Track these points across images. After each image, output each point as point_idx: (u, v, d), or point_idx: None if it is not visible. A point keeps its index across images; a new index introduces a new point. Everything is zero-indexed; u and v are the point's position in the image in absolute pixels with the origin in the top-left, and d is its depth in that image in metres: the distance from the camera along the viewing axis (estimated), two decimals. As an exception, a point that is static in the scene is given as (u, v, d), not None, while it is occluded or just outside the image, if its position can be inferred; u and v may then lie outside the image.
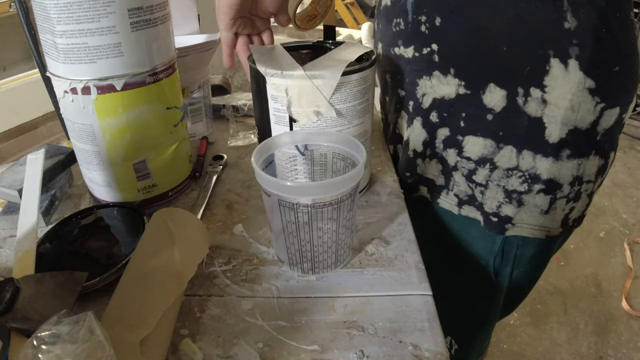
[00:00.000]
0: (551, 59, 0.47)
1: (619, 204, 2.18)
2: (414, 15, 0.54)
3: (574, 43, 0.46)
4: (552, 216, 0.56)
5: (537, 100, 0.49)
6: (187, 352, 0.38)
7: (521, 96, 0.49)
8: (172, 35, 0.54)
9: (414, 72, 0.57)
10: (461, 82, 0.52)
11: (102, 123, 0.50)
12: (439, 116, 0.56)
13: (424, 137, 0.59)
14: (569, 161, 0.52)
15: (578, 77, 0.47)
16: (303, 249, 0.44)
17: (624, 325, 1.57)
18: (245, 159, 0.69)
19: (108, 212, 0.53)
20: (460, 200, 0.59)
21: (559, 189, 0.53)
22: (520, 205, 0.55)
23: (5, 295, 0.35)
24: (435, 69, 0.54)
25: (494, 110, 0.51)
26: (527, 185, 0.53)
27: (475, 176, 0.56)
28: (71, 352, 0.26)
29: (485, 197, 0.56)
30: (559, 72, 0.47)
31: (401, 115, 0.62)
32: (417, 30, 0.54)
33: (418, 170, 0.61)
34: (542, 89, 0.48)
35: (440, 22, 0.51)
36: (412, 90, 0.58)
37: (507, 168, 0.53)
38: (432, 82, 0.55)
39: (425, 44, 0.54)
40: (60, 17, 0.44)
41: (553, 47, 0.47)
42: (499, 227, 0.57)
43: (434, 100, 0.55)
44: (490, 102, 0.51)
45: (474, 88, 0.52)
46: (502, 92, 0.50)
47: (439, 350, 0.38)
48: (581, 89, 0.47)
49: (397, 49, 0.58)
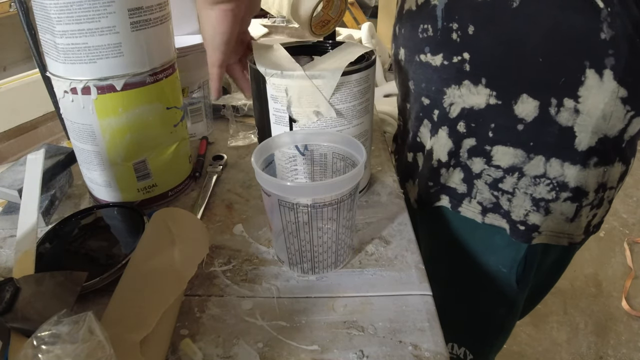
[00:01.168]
0: (587, 70, 0.46)
1: (619, 204, 2.18)
2: (444, 22, 0.52)
3: (609, 53, 0.45)
4: (577, 223, 0.56)
5: (570, 110, 0.48)
6: (187, 352, 0.38)
7: (554, 106, 0.49)
8: (172, 35, 0.54)
9: (442, 80, 0.55)
10: (492, 92, 0.51)
11: (102, 123, 0.50)
12: (466, 126, 0.54)
13: (449, 147, 0.57)
14: (595, 169, 0.52)
15: (612, 86, 0.47)
16: (303, 249, 0.44)
17: (624, 325, 1.57)
18: (245, 159, 0.69)
19: (108, 212, 0.53)
20: (485, 208, 0.58)
21: (584, 197, 0.53)
22: (547, 213, 0.54)
23: (5, 295, 0.35)
24: (465, 78, 0.52)
25: (525, 120, 0.50)
26: (554, 193, 0.53)
27: (502, 184, 0.55)
28: (71, 352, 0.26)
29: (512, 205, 0.55)
30: (593, 83, 0.47)
31: (424, 123, 0.60)
32: (448, 38, 0.52)
33: (441, 179, 0.60)
34: (576, 99, 0.48)
35: (473, 31, 0.50)
36: (438, 98, 0.56)
37: (535, 176, 0.53)
38: (462, 92, 0.53)
39: (456, 52, 0.52)
40: (60, 17, 0.44)
41: (589, 58, 0.46)
42: (526, 236, 0.56)
43: (462, 109, 0.54)
44: (522, 112, 0.50)
45: (505, 98, 0.51)
46: (535, 102, 0.49)
47: (439, 350, 0.38)
48: (614, 98, 0.47)
49: (424, 55, 0.56)
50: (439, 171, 0.60)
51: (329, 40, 0.59)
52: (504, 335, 0.71)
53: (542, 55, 0.47)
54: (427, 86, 0.57)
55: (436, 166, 0.60)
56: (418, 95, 0.59)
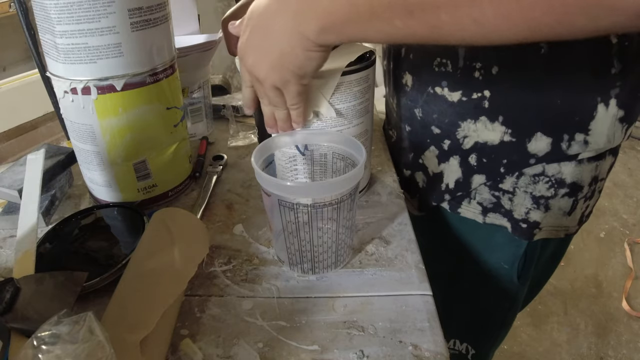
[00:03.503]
0: (598, 105, 0.48)
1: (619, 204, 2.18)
2: (466, 62, 0.51)
3: (617, 85, 0.47)
4: (573, 216, 0.57)
5: (580, 143, 0.50)
6: (187, 352, 0.38)
7: (565, 141, 0.50)
8: (172, 35, 0.54)
9: (457, 114, 0.54)
10: (508, 130, 0.51)
11: (102, 123, 0.50)
12: (477, 160, 0.55)
13: (458, 177, 0.58)
14: (589, 163, 0.53)
15: (614, 111, 0.48)
16: (303, 249, 0.44)
17: (624, 325, 1.57)
18: (245, 159, 0.69)
19: (108, 212, 0.53)
20: (485, 208, 0.58)
21: (580, 191, 0.55)
22: (547, 210, 0.55)
23: (5, 295, 0.35)
24: (482, 115, 0.52)
25: (537, 155, 0.52)
26: (553, 190, 0.54)
27: (502, 184, 0.56)
28: (71, 352, 0.26)
29: (513, 204, 0.56)
30: (602, 115, 0.48)
31: (430, 149, 0.59)
32: (470, 76, 0.51)
33: (444, 197, 0.61)
34: (587, 132, 0.49)
35: (497, 72, 0.49)
36: (451, 130, 0.55)
37: (534, 175, 0.54)
38: (477, 127, 0.53)
39: (476, 89, 0.51)
40: (61, 17, 0.44)
41: (600, 93, 0.48)
42: (528, 233, 0.57)
43: (475, 143, 0.54)
44: (534, 149, 0.51)
45: (520, 136, 0.51)
46: (548, 139, 0.50)
47: (439, 350, 0.38)
48: (614, 121, 0.49)
49: (439, 89, 0.54)
50: (443, 196, 0.60)
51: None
52: (505, 330, 0.72)
53: (561, 97, 0.48)
54: (440, 117, 0.56)
55: (443, 190, 0.60)
56: (426, 123, 0.58)
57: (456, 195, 0.59)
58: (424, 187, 0.64)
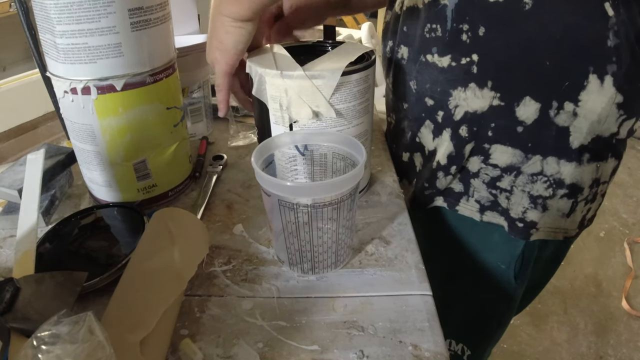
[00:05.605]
0: (590, 74, 0.47)
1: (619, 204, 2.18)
2: (453, 24, 0.51)
3: (612, 60, 0.47)
4: (572, 218, 0.57)
5: (569, 113, 0.50)
6: (187, 352, 0.38)
7: (554, 109, 0.50)
8: (172, 35, 0.54)
9: (448, 81, 0.54)
10: (496, 94, 0.51)
11: (102, 123, 0.50)
12: (468, 130, 0.55)
13: (450, 151, 0.57)
14: (589, 165, 0.53)
15: (611, 92, 0.48)
16: (303, 249, 0.44)
17: (624, 325, 1.57)
18: (245, 159, 0.69)
19: (108, 212, 0.53)
20: (482, 206, 0.58)
21: (580, 193, 0.54)
22: (544, 210, 0.55)
23: (5, 295, 0.35)
24: (471, 81, 0.52)
25: (525, 122, 0.51)
26: (551, 190, 0.54)
27: (499, 182, 0.55)
28: (71, 352, 0.26)
29: (510, 203, 0.56)
30: (594, 88, 0.48)
31: (425, 124, 0.60)
32: (457, 39, 0.51)
33: (437, 184, 0.60)
34: (576, 102, 0.49)
35: (484, 32, 0.49)
36: (443, 100, 0.55)
37: (532, 173, 0.53)
38: (467, 95, 0.53)
39: (464, 53, 0.51)
40: (61, 17, 0.44)
41: (594, 63, 0.47)
42: (524, 233, 0.57)
43: (465, 113, 0.54)
44: (522, 114, 0.51)
45: (508, 100, 0.51)
46: (537, 105, 0.50)
47: (439, 350, 0.38)
48: (611, 104, 0.49)
49: (430, 56, 0.55)
50: (437, 174, 0.60)
51: (329, 40, 0.59)
52: (501, 330, 0.72)
53: (550, 59, 0.48)
54: (432, 87, 0.56)
55: (435, 168, 0.60)
56: (420, 95, 0.59)
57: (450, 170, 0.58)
58: (421, 171, 0.64)
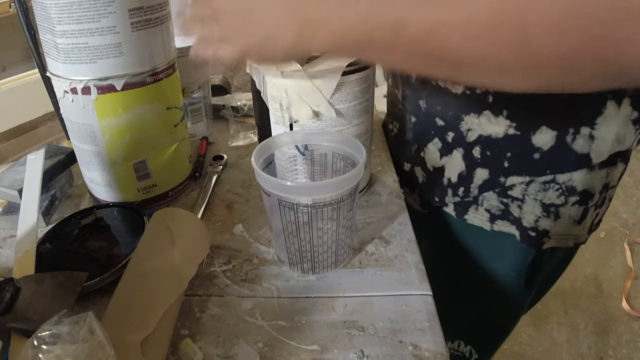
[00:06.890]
0: (608, 101, 0.47)
1: (619, 204, 2.18)
2: None
3: None
4: (583, 225, 0.56)
5: (585, 137, 0.49)
6: (187, 352, 0.38)
7: (570, 134, 0.49)
8: (172, 35, 0.54)
9: (461, 107, 0.54)
10: (512, 124, 0.51)
11: (102, 123, 0.50)
12: (481, 152, 0.54)
13: (461, 170, 0.57)
14: (600, 170, 0.52)
15: (626, 111, 0.48)
16: (303, 249, 0.44)
17: (624, 325, 1.57)
18: (245, 159, 0.69)
19: (108, 212, 0.53)
20: (493, 215, 0.57)
21: (590, 199, 0.54)
22: (557, 218, 0.55)
23: (5, 295, 0.35)
24: (486, 109, 0.52)
25: (541, 149, 0.51)
26: (564, 197, 0.53)
27: (511, 191, 0.55)
28: (71, 352, 0.26)
29: (523, 212, 0.55)
30: (611, 112, 0.47)
31: (433, 142, 0.59)
32: None
33: (446, 200, 0.60)
34: (592, 126, 0.49)
35: None
36: (454, 123, 0.55)
37: (544, 182, 0.53)
38: (480, 121, 0.53)
39: None
40: (61, 17, 0.44)
41: (612, 91, 0.47)
42: (537, 242, 0.56)
43: (479, 136, 0.54)
44: (538, 142, 0.51)
45: (524, 130, 0.51)
46: (553, 133, 0.50)
47: (439, 350, 0.38)
48: (626, 122, 0.48)
49: (442, 82, 0.54)
50: (447, 190, 0.60)
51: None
52: (507, 335, 0.72)
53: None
54: (443, 110, 0.56)
55: (445, 184, 0.59)
56: (430, 115, 0.58)
57: (458, 192, 0.58)
58: (424, 182, 0.63)
